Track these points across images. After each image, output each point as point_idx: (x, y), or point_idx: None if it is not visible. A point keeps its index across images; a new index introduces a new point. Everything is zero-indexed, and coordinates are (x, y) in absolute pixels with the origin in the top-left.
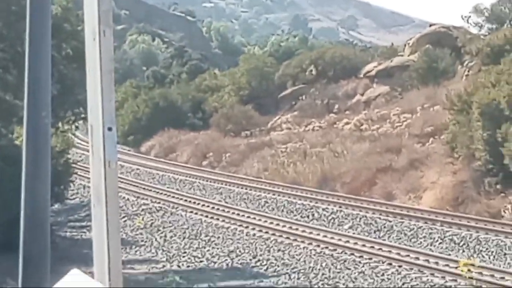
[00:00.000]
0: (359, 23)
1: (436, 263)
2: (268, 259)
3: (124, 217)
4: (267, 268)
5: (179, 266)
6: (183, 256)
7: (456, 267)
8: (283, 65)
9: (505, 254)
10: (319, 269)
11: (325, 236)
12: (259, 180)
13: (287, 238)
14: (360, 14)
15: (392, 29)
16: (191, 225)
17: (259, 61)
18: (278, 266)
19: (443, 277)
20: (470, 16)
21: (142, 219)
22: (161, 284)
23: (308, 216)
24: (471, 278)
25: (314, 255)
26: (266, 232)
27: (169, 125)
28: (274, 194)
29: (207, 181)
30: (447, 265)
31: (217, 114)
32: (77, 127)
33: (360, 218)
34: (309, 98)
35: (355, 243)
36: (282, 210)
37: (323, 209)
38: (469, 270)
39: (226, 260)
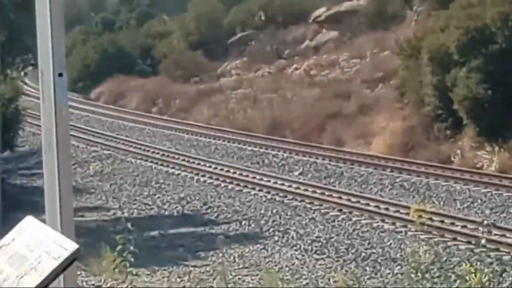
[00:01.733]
0: None
1: (387, 209)
2: (219, 206)
3: (74, 164)
4: (218, 215)
5: (130, 214)
6: (134, 204)
7: (407, 213)
8: (232, 10)
9: (455, 199)
10: (269, 216)
11: (275, 183)
12: (209, 126)
13: (238, 184)
14: None
15: None
16: (141, 172)
17: (208, 7)
18: (228, 213)
19: (394, 223)
20: None
21: (94, 166)
22: (112, 231)
23: (258, 163)
24: (422, 224)
25: (265, 201)
26: (217, 179)
27: (118, 71)
28: (224, 141)
29: (156, 127)
30: (397, 211)
31: (166, 60)
32: (26, 74)
33: (310, 165)
34: (258, 44)
35: (306, 190)
36: (232, 157)
37: (273, 156)
38: (420, 216)
39: (177, 207)
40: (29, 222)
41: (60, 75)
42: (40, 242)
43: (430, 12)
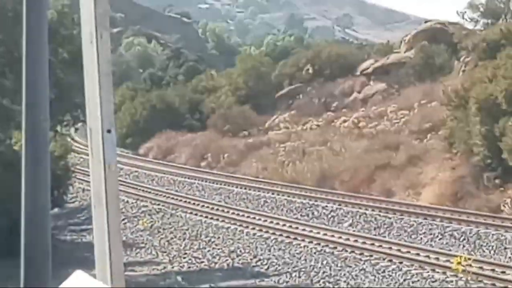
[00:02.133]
0: (354, 21)
1: (437, 258)
2: (269, 258)
3: (124, 219)
4: (268, 268)
5: (180, 267)
6: (184, 257)
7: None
8: (279, 65)
9: (505, 248)
10: (320, 267)
11: (325, 234)
12: (258, 179)
13: (287, 237)
14: (355, 12)
15: (388, 26)
16: (191, 226)
17: (255, 61)
18: (279, 265)
19: (444, 273)
20: (465, 12)
21: (144, 222)
22: (163, 285)
23: (307, 215)
24: (471, 273)
25: (315, 253)
26: (266, 232)
27: (167, 126)
28: (273, 194)
29: (206, 181)
30: (447, 261)
31: (215, 115)
32: (76, 129)
33: (360, 216)
34: (306, 97)
35: (355, 241)
36: (282, 209)
37: (323, 207)
38: (464, 265)
39: (227, 260)
40: (79, 277)
41: (109, 131)
42: None
43: (477, 62)
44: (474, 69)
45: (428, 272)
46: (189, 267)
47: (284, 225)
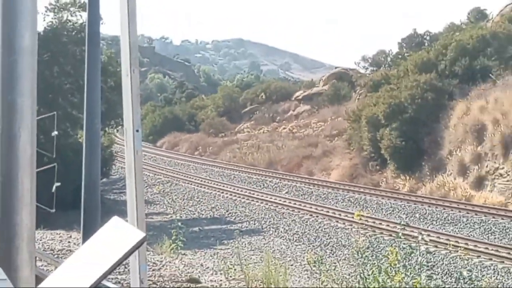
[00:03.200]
0: (291, 66)
1: (340, 214)
2: (236, 212)
3: (146, 186)
4: (235, 218)
5: (180, 217)
6: (183, 211)
7: (352, 217)
8: (244, 93)
9: (382, 209)
10: (267, 218)
11: (271, 198)
12: (230, 163)
13: (247, 199)
14: (292, 61)
15: (312, 70)
16: (188, 191)
17: (230, 90)
18: (242, 216)
19: (343, 223)
20: (360, 62)
21: (158, 188)
22: (169, 228)
23: (260, 186)
24: (362, 223)
25: (264, 209)
26: (235, 196)
27: (174, 129)
28: (239, 172)
29: (197, 164)
30: (346, 215)
31: (204, 123)
32: (117, 130)
33: (293, 187)
34: (260, 113)
35: (289, 202)
36: (244, 182)
37: (269, 181)
38: (360, 218)
39: (209, 213)
40: (116, 220)
41: (137, 131)
42: (122, 232)
43: (367, 93)
44: (364, 98)
45: (334, 222)
46: (186, 217)
47: (245, 192)
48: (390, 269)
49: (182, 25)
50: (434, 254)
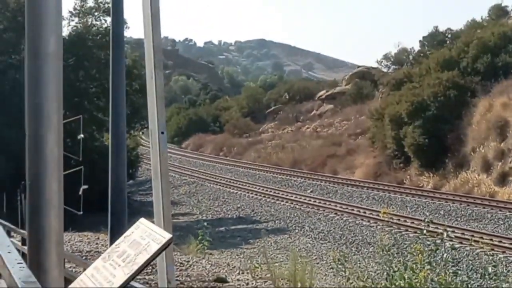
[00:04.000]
0: (314, 66)
1: (365, 212)
2: (261, 211)
3: (172, 187)
4: (260, 218)
5: (206, 217)
6: (209, 211)
7: (377, 214)
8: (268, 93)
9: (406, 206)
10: (292, 217)
11: (296, 197)
12: (255, 163)
13: (272, 198)
14: (315, 61)
15: (334, 69)
16: (214, 192)
17: (253, 91)
18: (267, 216)
19: (368, 220)
20: (382, 61)
21: (184, 189)
22: (195, 228)
23: (285, 185)
24: (387, 221)
25: (289, 209)
26: (260, 195)
27: (199, 131)
28: (264, 172)
29: (222, 164)
30: (371, 213)
31: (228, 124)
32: (143, 132)
33: (317, 186)
34: (284, 113)
35: (314, 201)
36: (269, 182)
37: (294, 181)
38: (386, 215)
39: (235, 212)
40: (143, 221)
41: (162, 133)
42: (149, 233)
43: (389, 92)
44: (387, 96)
45: (359, 220)
46: (212, 217)
47: (271, 191)
48: (416, 265)
49: (205, 26)
50: (459, 250)
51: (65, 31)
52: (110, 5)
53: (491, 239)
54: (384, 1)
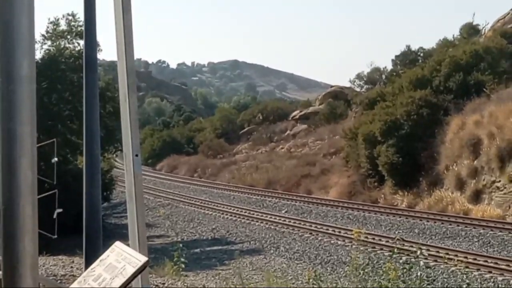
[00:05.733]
0: (287, 87)
1: (339, 231)
2: (236, 232)
3: (147, 209)
4: (235, 238)
5: (182, 239)
6: (184, 233)
7: (352, 234)
8: (242, 114)
9: (381, 225)
10: (267, 238)
11: (270, 217)
12: (229, 184)
13: (247, 219)
14: (288, 81)
15: (308, 89)
16: (188, 213)
17: (227, 112)
18: (242, 237)
19: (343, 240)
20: (355, 80)
21: (159, 212)
22: (171, 250)
23: (260, 206)
24: (361, 240)
25: (264, 229)
26: (234, 216)
27: (173, 152)
28: (238, 193)
29: (196, 186)
30: (346, 232)
31: (202, 145)
32: (117, 155)
33: (292, 206)
34: (258, 133)
35: (289, 221)
36: (244, 202)
37: (269, 201)
38: (359, 234)
39: (210, 234)
40: (118, 245)
41: (137, 155)
42: (125, 257)
43: (363, 111)
44: (361, 116)
45: (334, 240)
46: (187, 238)
47: (245, 212)
48: (391, 284)
49: (178, 48)
50: (434, 268)
51: (38, 54)
52: (82, 28)
53: (465, 257)
54: (355, 21)
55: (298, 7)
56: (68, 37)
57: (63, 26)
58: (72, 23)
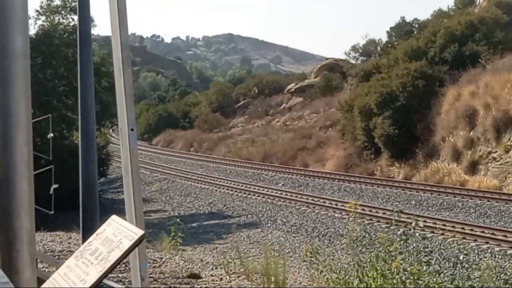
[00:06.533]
0: (282, 60)
1: (336, 204)
2: (233, 206)
3: (143, 184)
4: (232, 212)
5: (179, 213)
6: (181, 207)
7: (348, 206)
8: (237, 87)
9: (377, 197)
10: (264, 211)
11: (267, 191)
12: (225, 158)
13: (244, 193)
14: (283, 54)
15: (303, 62)
16: (185, 188)
17: (222, 86)
18: (239, 210)
19: (340, 212)
20: (350, 53)
21: (156, 186)
22: (168, 224)
23: (256, 179)
24: (358, 213)
25: (261, 203)
26: (231, 190)
27: (169, 127)
28: (234, 167)
29: (193, 160)
30: (343, 205)
31: (198, 119)
32: (113, 130)
33: (289, 179)
34: (254, 107)
35: (286, 194)
36: (240, 176)
37: (265, 174)
38: (354, 207)
39: (207, 208)
40: (114, 219)
41: (132, 130)
42: (121, 230)
43: (358, 83)
44: (356, 88)
45: (331, 212)
46: (184, 213)
47: (242, 185)
48: (388, 256)
49: (173, 22)
50: (431, 239)
51: (32, 30)
52: (76, 3)
53: (462, 228)
54: None
55: None
56: (63, 12)
57: (57, 1)
58: None
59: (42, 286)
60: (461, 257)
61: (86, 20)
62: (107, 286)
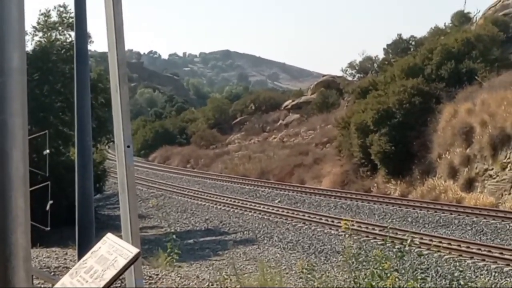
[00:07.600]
0: (279, 76)
1: (333, 221)
2: (229, 223)
3: (139, 200)
4: (229, 229)
5: (175, 230)
6: (177, 223)
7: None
8: (234, 104)
9: (374, 214)
10: (261, 228)
11: (264, 207)
12: (222, 175)
13: (241, 209)
14: (280, 71)
15: (300, 79)
16: (181, 204)
17: (219, 102)
18: (236, 227)
19: (337, 229)
20: (347, 69)
21: (152, 202)
22: (164, 241)
23: (253, 196)
24: (354, 230)
25: (257, 219)
26: (227, 206)
27: (165, 143)
28: (231, 183)
29: (189, 176)
30: (339, 222)
31: (195, 135)
32: (109, 147)
33: (285, 196)
34: (250, 123)
35: (282, 211)
36: (237, 192)
37: (262, 191)
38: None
39: (204, 224)
40: (110, 237)
41: (128, 146)
42: (116, 248)
43: (355, 100)
44: (353, 105)
45: (327, 229)
46: (181, 229)
47: (238, 202)
48: (383, 273)
49: (170, 38)
50: (427, 256)
51: (29, 46)
52: (73, 19)
53: (459, 245)
54: (347, 10)
55: None
56: (60, 28)
57: (54, 17)
58: (64, 15)
59: None
60: (456, 274)
61: (83, 36)
62: None
